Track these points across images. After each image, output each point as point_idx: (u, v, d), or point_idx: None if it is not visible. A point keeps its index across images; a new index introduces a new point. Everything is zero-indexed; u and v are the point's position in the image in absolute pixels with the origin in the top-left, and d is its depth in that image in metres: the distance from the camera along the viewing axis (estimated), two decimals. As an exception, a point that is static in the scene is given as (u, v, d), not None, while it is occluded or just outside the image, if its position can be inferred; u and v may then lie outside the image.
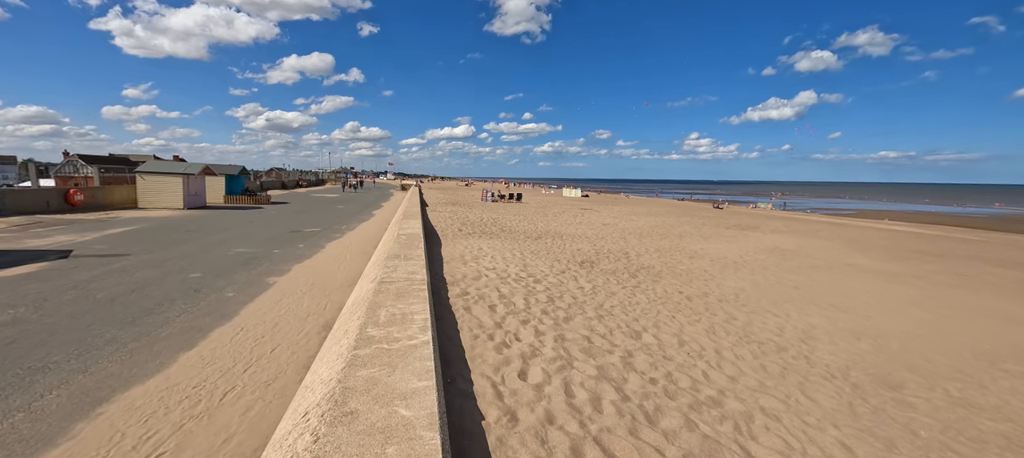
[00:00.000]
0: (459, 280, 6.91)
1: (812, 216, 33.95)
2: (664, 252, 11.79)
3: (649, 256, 11.03)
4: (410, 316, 3.80)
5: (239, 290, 7.93)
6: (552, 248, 11.66)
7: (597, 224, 18.96)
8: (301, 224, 17.40)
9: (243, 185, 28.91)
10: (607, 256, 10.76)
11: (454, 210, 23.19)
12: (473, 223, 16.87)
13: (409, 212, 15.38)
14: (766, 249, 13.13)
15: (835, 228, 21.38)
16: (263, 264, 10.05)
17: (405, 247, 7.41)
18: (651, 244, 13.27)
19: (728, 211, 35.20)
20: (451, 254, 9.86)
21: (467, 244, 11.55)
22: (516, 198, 34.15)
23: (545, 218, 20.76)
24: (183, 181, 21.58)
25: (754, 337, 5.20)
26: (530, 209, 26.46)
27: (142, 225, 15.49)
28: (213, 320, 6.44)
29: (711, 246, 13.32)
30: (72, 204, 18.73)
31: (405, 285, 4.92)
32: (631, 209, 30.66)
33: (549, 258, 10.07)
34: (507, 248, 11.23)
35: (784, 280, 8.72)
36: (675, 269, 9.49)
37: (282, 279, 8.82)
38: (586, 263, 9.73)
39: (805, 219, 27.95)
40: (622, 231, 16.66)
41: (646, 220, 21.81)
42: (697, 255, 11.53)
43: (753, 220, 24.70)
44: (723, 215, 28.89)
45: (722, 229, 18.82)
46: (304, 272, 9.36)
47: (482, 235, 13.72)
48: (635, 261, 10.26)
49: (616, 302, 6.38)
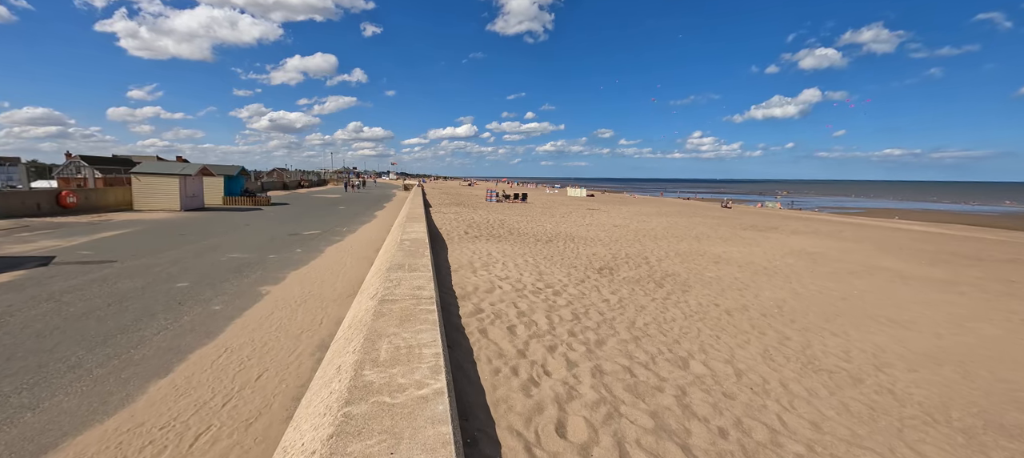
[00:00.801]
0: (471, 293, 6.18)
1: (823, 215, 33.07)
2: (686, 257, 11.02)
3: (671, 261, 10.26)
4: (417, 350, 3.07)
5: (228, 302, 7.22)
6: (565, 253, 10.91)
7: (608, 225, 18.19)
8: (300, 226, 16.71)
9: (242, 186, 28.26)
10: (626, 262, 10.00)
11: (459, 211, 22.48)
12: (479, 225, 16.14)
13: (412, 214, 14.66)
14: (792, 252, 12.34)
15: (856, 229, 20.54)
16: (257, 271, 9.35)
17: (409, 255, 6.68)
18: (669, 247, 12.50)
19: (738, 211, 34.34)
20: (459, 261, 9.13)
21: (475, 249, 10.82)
22: (521, 198, 33.41)
23: (553, 219, 20.00)
24: (180, 182, 20.93)
25: (819, 364, 4.45)
26: (536, 210, 25.72)
27: (135, 228, 14.83)
28: (195, 339, 5.72)
29: (734, 249, 12.54)
30: (64, 207, 18.10)
31: (410, 304, 4.18)
32: (640, 209, 29.87)
33: (564, 265, 9.33)
34: (518, 253, 10.49)
35: (826, 289, 7.94)
36: (702, 276, 8.73)
37: (276, 289, 8.11)
38: (605, 270, 8.98)
39: (821, 219, 27.08)
40: (636, 233, 15.89)
41: (658, 221, 21.03)
42: (722, 260, 10.76)
43: (768, 220, 23.88)
44: (735, 215, 28.05)
45: (739, 230, 18.01)
46: (300, 280, 8.65)
47: (490, 238, 12.98)
48: (657, 267, 9.50)
49: (649, 318, 5.63)
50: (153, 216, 18.57)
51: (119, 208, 20.76)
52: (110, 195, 20.97)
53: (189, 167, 22.10)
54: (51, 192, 17.77)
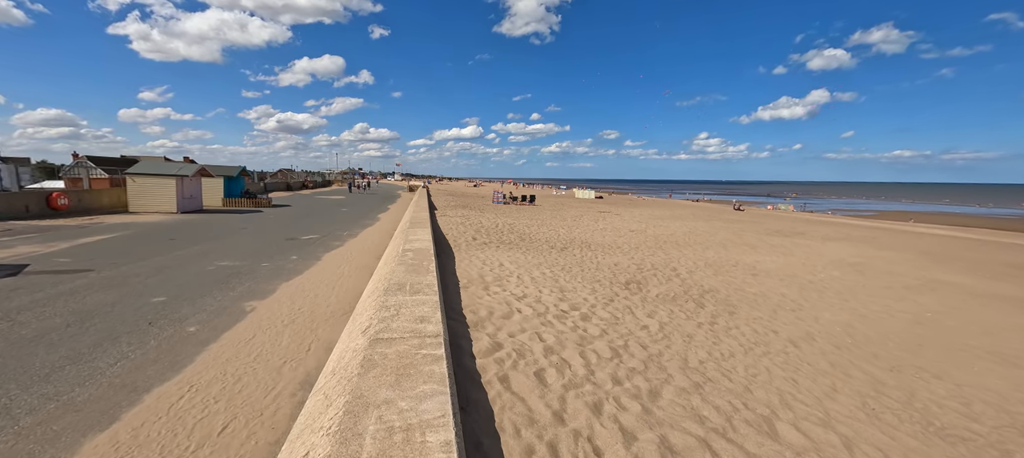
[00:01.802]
0: (484, 319, 5.20)
1: (843, 219, 31.76)
2: (718, 268, 9.98)
3: (703, 274, 9.22)
4: (419, 435, 2.10)
5: (206, 321, 6.30)
6: (585, 263, 9.91)
7: (624, 230, 17.15)
8: (299, 230, 15.84)
9: (243, 187, 27.51)
10: (654, 274, 8.98)
11: (465, 214, 21.53)
12: (488, 230, 15.17)
13: (416, 219, 13.72)
14: (832, 262, 11.25)
15: (891, 234, 19.34)
16: (245, 282, 8.44)
17: (412, 271, 5.71)
18: (696, 256, 11.45)
19: (753, 214, 33.11)
20: (468, 273, 8.16)
21: (485, 258, 9.85)
22: (529, 200, 32.40)
23: (565, 223, 19.00)
24: (176, 183, 20.16)
25: (940, 423, 3.44)
26: (546, 212, 24.71)
27: (124, 232, 14.01)
28: (157, 372, 4.80)
29: (767, 259, 11.47)
30: (55, 209, 17.35)
31: (411, 348, 3.21)
32: (653, 212, 28.77)
33: (586, 278, 8.33)
34: (532, 264, 9.50)
35: (892, 309, 6.88)
36: (744, 293, 7.70)
37: (263, 304, 7.18)
38: (633, 284, 7.97)
39: (845, 223, 25.82)
40: (655, 239, 14.85)
41: (676, 225, 19.95)
42: (758, 271, 9.70)
43: (791, 224, 22.70)
44: (751, 218, 26.87)
45: (764, 236, 16.90)
46: (291, 294, 7.72)
47: (500, 245, 12.00)
48: (690, 281, 8.47)
49: (703, 353, 4.63)
50: (147, 219, 17.79)
51: (114, 210, 20.02)
52: (105, 197, 20.24)
53: (186, 168, 21.33)
54: (41, 193, 17.02)
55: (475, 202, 31.65)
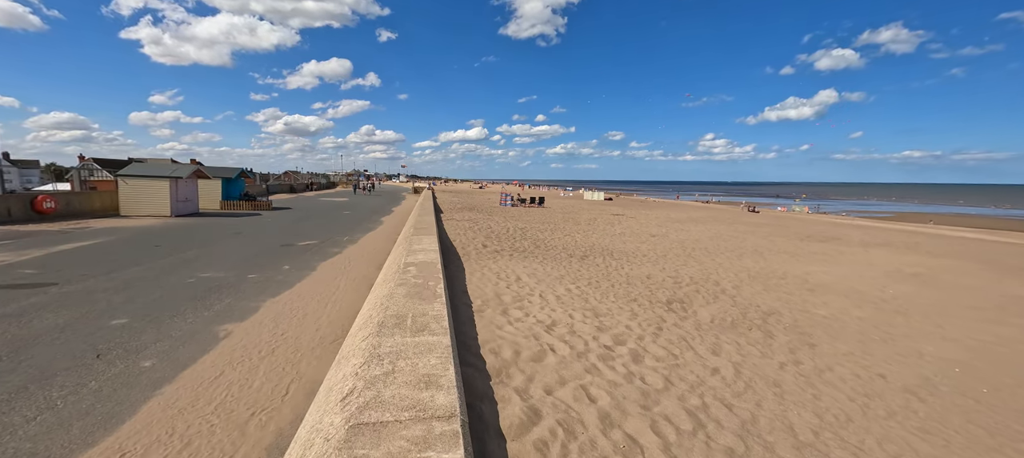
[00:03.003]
0: (509, 363, 4.02)
1: (862, 221, 30.26)
2: (765, 281, 8.74)
3: (751, 289, 8.00)
4: None
5: (166, 353, 5.18)
6: (612, 275, 8.72)
7: (644, 235, 15.92)
8: (297, 235, 14.76)
9: (242, 189, 26.55)
10: (695, 289, 7.77)
11: (473, 217, 20.38)
12: (499, 235, 14.01)
13: (421, 224, 12.58)
14: (889, 273, 9.96)
15: (935, 240, 17.94)
16: (226, 298, 7.33)
17: (415, 297, 4.55)
18: (734, 266, 10.22)
19: (770, 216, 31.67)
20: (482, 291, 6.99)
21: (499, 269, 8.69)
22: (538, 202, 31.19)
23: (580, 227, 17.80)
24: (170, 185, 19.19)
25: None
26: (557, 216, 23.52)
27: (108, 238, 12.99)
28: (82, 432, 3.67)
29: (814, 269, 10.21)
30: (41, 212, 16.41)
31: (410, 449, 2.04)
32: (668, 214, 27.47)
33: (620, 295, 7.13)
34: (553, 276, 8.32)
35: (1005, 339, 5.62)
36: (811, 315, 6.47)
37: (241, 328, 6.06)
38: (676, 303, 6.77)
39: (873, 225, 24.38)
40: (681, 245, 13.61)
41: (697, 229, 18.68)
42: (812, 285, 8.46)
43: (820, 227, 21.31)
44: (773, 221, 25.49)
45: (798, 241, 15.60)
46: (276, 313, 6.60)
47: (513, 253, 10.84)
48: (740, 299, 7.25)
49: (809, 415, 3.43)
50: (138, 223, 16.80)
51: (106, 213, 19.08)
52: (96, 200, 19.31)
53: (181, 169, 20.35)
54: (24, 197, 16.08)
55: (482, 204, 30.52)
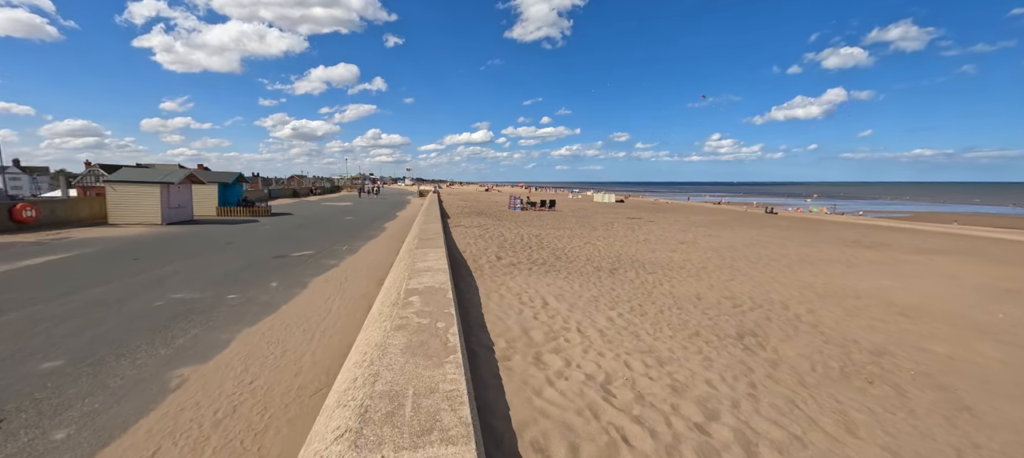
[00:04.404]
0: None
1: (882, 221, 28.58)
2: (839, 302, 7.33)
3: (830, 313, 6.59)
4: None
5: (91, 417, 3.90)
6: (655, 295, 7.35)
7: (671, 242, 14.51)
8: (292, 244, 13.53)
9: (240, 194, 25.45)
10: (764, 315, 6.38)
11: (482, 223, 19.06)
12: (513, 244, 12.68)
13: (426, 232, 11.26)
14: (980, 288, 8.50)
15: (995, 244, 16.35)
16: (194, 327, 6.06)
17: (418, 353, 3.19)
18: (791, 281, 8.81)
19: (790, 218, 30.03)
20: (505, 324, 5.65)
21: (521, 289, 7.35)
22: (549, 206, 29.81)
23: (597, 233, 16.42)
24: (161, 191, 18.07)
25: None
26: (571, 220, 22.14)
27: (86, 250, 11.82)
28: None
29: (888, 284, 8.77)
30: (20, 222, 15.32)
31: None
32: (687, 217, 25.99)
33: (677, 327, 5.76)
34: (586, 298, 6.97)
35: None
36: (933, 356, 5.06)
37: (199, 374, 4.76)
38: (748, 337, 5.39)
39: (916, 229, 22.73)
40: (717, 254, 12.19)
41: (727, 234, 17.22)
42: (900, 308, 7.03)
43: (859, 231, 19.74)
44: (800, 224, 23.93)
45: (845, 248, 14.11)
46: (249, 350, 5.30)
47: (532, 266, 9.50)
48: (827, 330, 5.84)
49: None
50: (125, 232, 15.67)
51: (94, 222, 18.00)
52: (83, 208, 18.24)
53: (173, 174, 19.24)
54: (1, 206, 14.99)
55: (490, 208, 29.19)
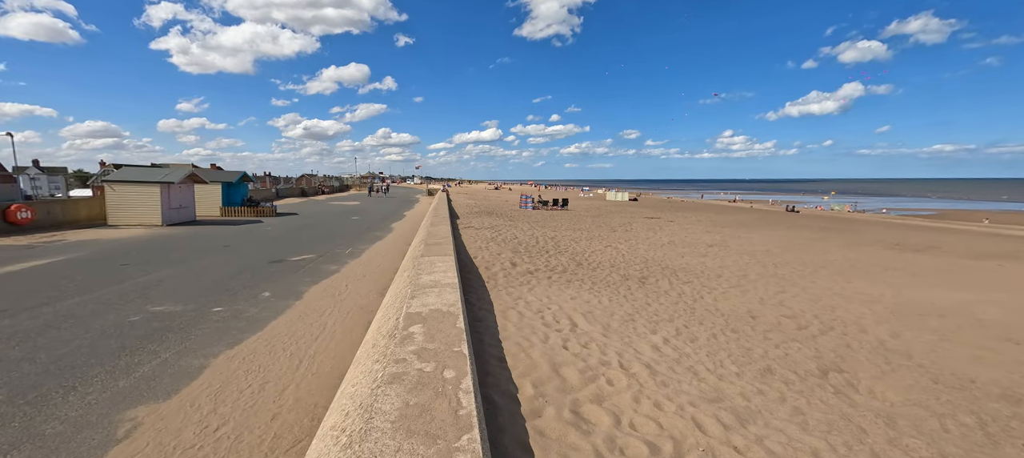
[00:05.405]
0: None
1: (931, 221, 27.01)
2: (922, 321, 6.23)
3: (920, 338, 5.51)
4: None
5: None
6: (699, 312, 6.33)
7: (698, 245, 13.41)
8: (293, 247, 12.71)
9: (245, 194, 24.83)
10: (842, 341, 5.32)
11: (493, 223, 18.10)
12: (528, 248, 11.70)
13: (433, 236, 10.32)
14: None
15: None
16: (165, 350, 5.19)
17: (413, 428, 2.23)
18: (850, 293, 7.71)
19: (813, 216, 28.56)
20: (529, 357, 4.68)
21: (541, 303, 6.38)
22: (562, 205, 28.76)
23: (616, 234, 15.36)
24: (161, 191, 17.44)
25: None
26: (586, 220, 21.09)
27: (71, 255, 11.11)
28: None
29: (966, 297, 7.62)
30: (14, 223, 14.77)
31: None
32: (709, 216, 24.77)
33: (741, 359, 4.75)
34: (621, 316, 5.97)
35: None
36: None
37: (157, 416, 3.88)
38: (833, 372, 4.35)
39: (962, 229, 21.27)
40: (754, 259, 11.08)
41: (757, 236, 16.04)
42: (1004, 330, 5.91)
43: (902, 233, 18.41)
44: (835, 223, 22.57)
45: (893, 252, 12.88)
46: (221, 383, 4.40)
47: (552, 274, 8.52)
48: (927, 362, 4.78)
49: None
50: (122, 234, 15.02)
51: (92, 223, 17.44)
52: (82, 208, 17.69)
53: (173, 173, 18.60)
54: (-5, 206, 14.45)
55: (501, 207, 28.24)
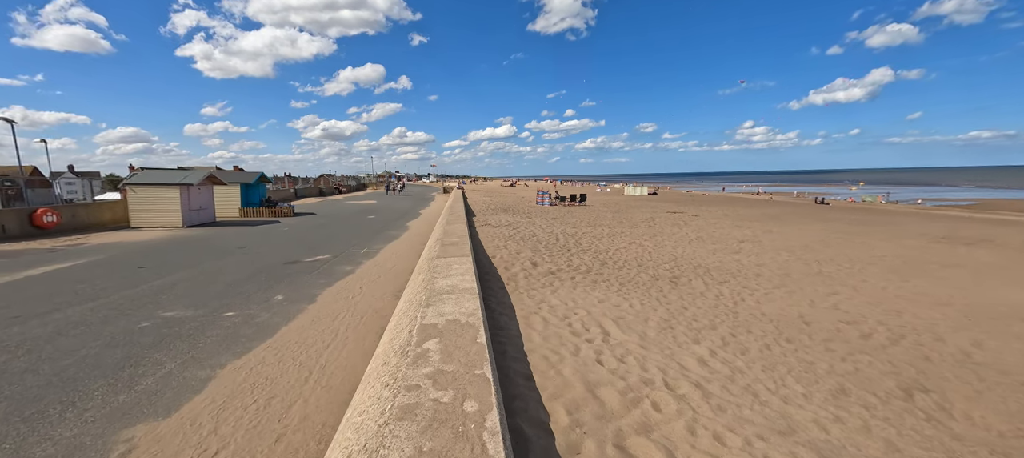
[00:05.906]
0: None
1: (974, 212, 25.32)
2: (1006, 328, 5.50)
3: (1007, 346, 4.81)
4: None
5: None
6: (743, 317, 5.72)
7: (730, 241, 12.65)
8: (309, 247, 12.49)
9: (263, 195, 24.96)
10: (915, 348, 4.67)
11: (511, 220, 17.61)
12: (549, 246, 11.18)
13: (450, 235, 9.88)
14: None
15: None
16: (170, 360, 4.89)
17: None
18: (909, 294, 6.95)
19: (843, 207, 27.12)
20: (561, 375, 4.17)
21: (567, 308, 5.87)
22: (580, 200, 28.07)
23: (639, 230, 14.69)
24: (181, 193, 17.54)
25: None
26: (606, 215, 20.41)
27: (92, 258, 11.09)
28: None
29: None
30: (41, 227, 15.00)
31: None
32: (736, 210, 23.75)
33: (805, 378, 4.15)
34: (656, 323, 5.41)
35: None
36: None
37: (151, 437, 3.52)
38: (921, 394, 3.73)
39: (1010, 220, 19.83)
40: (793, 255, 10.31)
41: (790, 231, 15.14)
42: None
43: (948, 225, 17.18)
44: (871, 215, 21.32)
45: (945, 246, 11.89)
46: (225, 397, 4.03)
47: (575, 274, 7.99)
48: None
49: None
50: (144, 236, 15.10)
51: (116, 226, 17.67)
52: (106, 211, 17.94)
53: (192, 175, 18.71)
54: (23, 212, 14.68)
55: (517, 204, 27.73)
